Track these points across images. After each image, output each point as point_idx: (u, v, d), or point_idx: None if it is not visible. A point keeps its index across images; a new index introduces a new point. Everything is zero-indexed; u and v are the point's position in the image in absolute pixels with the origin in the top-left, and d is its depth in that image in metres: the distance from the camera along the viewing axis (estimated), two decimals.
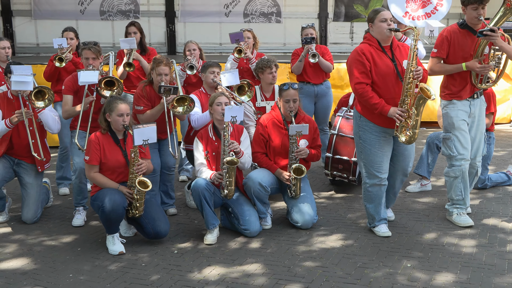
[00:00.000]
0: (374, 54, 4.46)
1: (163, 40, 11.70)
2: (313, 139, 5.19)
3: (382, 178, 4.64)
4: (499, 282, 3.84)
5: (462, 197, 4.93)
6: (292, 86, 5.08)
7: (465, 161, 4.86)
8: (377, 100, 4.40)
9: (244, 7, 11.83)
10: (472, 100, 4.86)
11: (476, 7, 4.62)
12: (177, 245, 4.65)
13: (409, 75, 4.33)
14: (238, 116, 4.72)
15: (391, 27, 4.44)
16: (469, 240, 4.61)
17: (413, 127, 4.37)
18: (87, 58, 5.15)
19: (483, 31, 4.51)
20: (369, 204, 4.74)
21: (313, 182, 6.31)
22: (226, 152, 4.69)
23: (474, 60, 4.70)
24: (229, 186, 4.70)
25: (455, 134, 4.83)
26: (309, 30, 6.69)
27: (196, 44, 6.49)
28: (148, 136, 4.49)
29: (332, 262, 4.25)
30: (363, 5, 12.16)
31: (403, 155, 4.70)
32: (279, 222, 5.15)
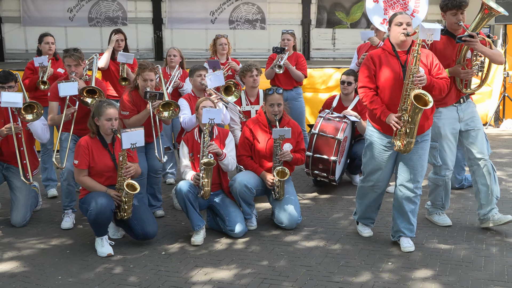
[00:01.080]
0: (383, 59, 4.35)
1: (151, 46, 11.79)
2: (297, 142, 5.32)
3: (376, 186, 4.59)
4: (477, 278, 3.97)
5: (442, 202, 5.04)
6: (277, 91, 5.20)
7: (449, 171, 4.88)
8: (377, 105, 4.32)
9: (229, 14, 11.97)
10: (459, 105, 4.81)
11: (455, 13, 4.61)
12: (164, 246, 4.73)
13: (408, 81, 4.15)
14: (216, 119, 4.80)
15: (405, 31, 4.25)
16: (447, 238, 4.75)
17: (407, 135, 4.21)
18: (69, 65, 5.23)
19: (462, 37, 4.51)
20: (359, 200, 4.79)
21: (297, 184, 6.44)
22: (205, 153, 4.79)
23: (457, 65, 4.69)
24: (206, 187, 4.78)
25: (441, 144, 4.81)
26: (286, 36, 6.92)
27: (178, 51, 6.67)
28: (136, 139, 4.58)
29: (316, 261, 4.36)
30: (345, 12, 12.39)
31: (403, 168, 4.46)
32: (264, 222, 5.26)
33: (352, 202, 5.85)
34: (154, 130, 5.16)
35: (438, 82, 4.27)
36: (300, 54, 7.22)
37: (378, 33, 6.75)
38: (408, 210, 4.48)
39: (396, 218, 4.55)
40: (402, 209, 4.49)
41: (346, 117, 6.04)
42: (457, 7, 4.59)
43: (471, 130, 4.83)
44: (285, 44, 6.89)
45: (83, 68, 5.35)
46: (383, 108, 4.30)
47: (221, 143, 5.07)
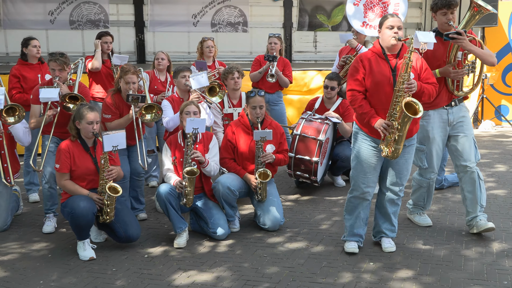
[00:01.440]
0: (372, 62, 4.26)
1: (133, 49, 11.74)
2: (279, 143, 5.35)
3: (365, 192, 4.42)
4: (456, 277, 4.03)
5: (424, 203, 5.08)
6: (259, 93, 5.23)
7: (433, 175, 4.90)
8: (366, 109, 4.23)
9: (211, 17, 11.98)
10: (450, 108, 4.74)
11: (445, 12, 4.56)
12: (147, 249, 4.72)
13: (399, 87, 4.07)
14: (199, 128, 4.80)
15: (396, 35, 4.17)
16: (427, 238, 4.81)
17: (395, 142, 4.15)
18: (54, 69, 5.20)
19: (449, 34, 4.44)
20: (348, 215, 4.57)
21: (280, 186, 6.46)
22: (188, 161, 4.81)
23: (448, 65, 4.61)
24: (189, 196, 4.79)
25: (428, 148, 4.79)
26: (273, 40, 6.96)
27: (167, 55, 6.69)
28: (118, 142, 4.56)
29: (298, 262, 4.38)
30: (326, 15, 12.49)
31: (389, 172, 4.44)
32: (247, 224, 5.28)
33: (334, 203, 5.90)
34: (136, 133, 5.16)
35: (427, 88, 4.23)
36: (287, 61, 7.29)
37: (358, 36, 6.82)
38: (391, 212, 4.53)
39: (378, 219, 4.60)
40: (385, 210, 4.53)
41: (328, 119, 6.09)
42: (446, 6, 4.54)
43: (459, 136, 4.75)
44: (272, 48, 6.93)
45: (67, 73, 5.32)
46: (372, 112, 4.22)
47: (205, 147, 5.08)
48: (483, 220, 4.75)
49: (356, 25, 6.85)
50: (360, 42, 6.75)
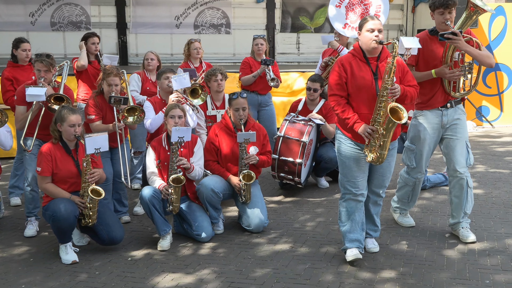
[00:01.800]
0: (354, 66, 4.16)
1: (115, 51, 11.69)
2: (263, 145, 5.36)
3: (358, 194, 4.31)
4: (439, 277, 4.07)
5: (408, 201, 5.05)
6: (241, 95, 5.23)
7: (421, 175, 4.86)
8: (349, 114, 4.13)
9: (194, 19, 11.98)
10: (445, 109, 4.64)
11: (442, 12, 4.45)
12: (130, 252, 4.70)
13: (383, 93, 4.00)
14: (185, 137, 4.79)
15: (377, 39, 4.09)
16: (410, 238, 4.84)
17: (380, 148, 4.07)
18: (39, 70, 5.15)
19: (444, 34, 4.35)
20: (343, 222, 4.40)
21: (264, 187, 6.48)
22: (174, 168, 4.79)
23: (444, 66, 4.52)
24: (175, 203, 4.80)
25: (418, 148, 4.73)
26: (259, 41, 6.97)
27: (156, 55, 6.68)
28: (100, 144, 4.53)
29: (282, 264, 4.39)
30: (308, 17, 12.57)
31: (374, 175, 4.40)
32: (231, 226, 5.28)
33: (318, 204, 5.92)
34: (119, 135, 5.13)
35: (409, 91, 4.17)
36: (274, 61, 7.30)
37: (341, 38, 6.87)
38: (374, 213, 4.55)
39: None
40: (368, 212, 4.52)
41: (311, 120, 6.11)
42: (444, 6, 4.43)
43: (451, 139, 4.67)
44: (259, 49, 6.94)
45: (52, 75, 5.27)
46: (356, 117, 4.12)
47: (190, 151, 5.07)
48: (466, 230, 4.73)
49: (338, 27, 6.90)
50: (342, 44, 6.79)
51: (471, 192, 4.73)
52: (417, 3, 12.88)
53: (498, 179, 6.76)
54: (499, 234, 4.87)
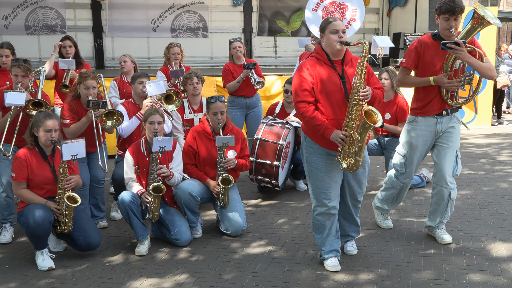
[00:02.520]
0: (320, 70, 4.00)
1: (91, 54, 11.60)
2: (241, 149, 5.36)
3: (330, 207, 4.18)
4: (416, 278, 4.10)
5: (391, 202, 5.00)
6: (219, 99, 5.22)
7: (409, 180, 4.81)
8: (320, 121, 3.94)
9: (171, 22, 11.95)
10: (440, 117, 4.51)
11: (447, 18, 4.28)
12: (108, 258, 4.65)
13: (354, 96, 3.86)
14: (166, 147, 4.78)
15: (342, 40, 3.95)
16: (388, 240, 4.88)
17: (355, 154, 3.92)
18: (16, 75, 5.08)
19: (446, 43, 4.21)
20: (317, 235, 4.33)
21: (242, 190, 6.47)
22: (154, 176, 4.77)
23: (443, 74, 4.38)
24: (155, 212, 4.78)
25: (410, 154, 4.65)
26: (237, 43, 6.98)
27: (130, 57, 6.63)
28: (77, 151, 4.48)
29: (261, 267, 4.39)
30: (285, 20, 12.64)
31: (351, 183, 4.29)
32: (209, 230, 5.27)
33: (296, 207, 5.94)
34: (97, 140, 5.08)
35: (377, 93, 4.09)
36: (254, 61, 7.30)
37: (317, 41, 6.90)
38: (355, 215, 4.49)
39: (343, 224, 4.49)
40: (351, 216, 4.47)
41: (288, 123, 6.14)
42: (450, 12, 4.24)
43: (442, 147, 4.57)
44: (237, 52, 6.94)
45: (29, 80, 5.20)
46: (326, 124, 3.94)
47: (169, 156, 5.04)
48: (442, 231, 4.77)
49: (314, 30, 6.95)
50: None
51: (452, 204, 4.67)
52: (393, 7, 13.03)
53: (473, 180, 6.86)
54: (474, 235, 4.94)
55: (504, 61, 12.32)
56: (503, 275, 4.09)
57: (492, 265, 4.26)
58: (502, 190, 6.37)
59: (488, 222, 5.26)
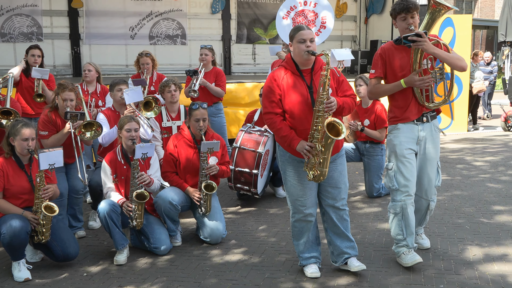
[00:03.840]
0: (288, 80, 3.98)
1: (68, 62, 11.50)
2: (222, 155, 5.35)
3: (307, 214, 4.16)
4: (395, 282, 4.13)
5: (404, 236, 4.36)
6: (202, 106, 5.21)
7: (406, 196, 4.30)
8: (286, 132, 3.95)
9: (149, 30, 11.91)
10: (421, 124, 4.31)
11: (404, 17, 4.15)
12: (86, 267, 4.60)
13: (318, 107, 3.82)
14: (148, 153, 4.77)
15: (309, 49, 3.90)
16: (367, 246, 4.91)
17: (320, 165, 3.87)
18: None
19: (408, 36, 4.06)
20: (297, 241, 4.30)
21: (221, 198, 6.45)
22: (135, 184, 4.74)
23: (412, 74, 4.18)
24: (138, 219, 4.76)
25: (397, 165, 4.31)
26: (204, 51, 7.02)
27: (94, 66, 6.57)
28: (55, 160, 4.43)
29: (241, 274, 4.38)
30: (263, 28, 12.70)
31: (327, 189, 4.19)
32: (189, 238, 5.24)
33: (276, 214, 5.95)
34: (76, 151, 5.04)
35: (346, 102, 4.01)
36: (219, 70, 7.31)
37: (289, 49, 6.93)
38: (344, 229, 4.27)
39: (335, 240, 4.30)
40: (338, 229, 4.26)
41: (267, 131, 6.15)
42: (405, 10, 4.14)
43: (423, 160, 4.38)
44: (202, 59, 6.94)
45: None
46: (292, 135, 3.95)
47: (146, 163, 5.03)
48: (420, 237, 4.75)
49: (285, 38, 7.00)
50: None
51: (430, 213, 4.62)
52: (370, 15, 13.18)
53: (450, 185, 6.95)
54: (452, 239, 5.00)
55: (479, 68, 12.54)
56: (480, 278, 4.14)
57: (469, 269, 4.31)
58: (478, 195, 6.46)
59: (465, 227, 5.33)
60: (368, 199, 6.36)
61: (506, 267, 4.33)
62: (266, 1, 12.70)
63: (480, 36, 32.82)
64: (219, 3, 12.33)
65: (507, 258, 4.51)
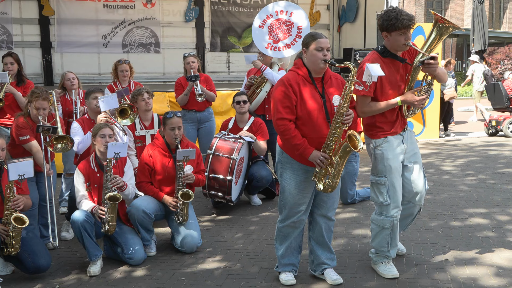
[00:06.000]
0: (302, 86, 3.90)
1: (39, 71, 11.34)
2: (197, 164, 5.33)
3: (297, 221, 4.14)
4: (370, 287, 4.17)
5: (388, 249, 4.37)
6: (176, 114, 5.19)
7: (397, 212, 4.27)
8: (300, 140, 3.86)
9: (122, 38, 11.83)
10: (404, 133, 4.30)
11: (403, 32, 4.01)
12: (58, 279, 4.52)
13: (338, 119, 3.79)
14: (121, 153, 4.71)
15: (326, 59, 3.86)
16: (342, 252, 4.93)
17: (333, 177, 3.86)
18: None
19: (424, 60, 3.98)
20: (279, 245, 4.28)
21: (196, 206, 6.44)
22: (108, 187, 4.69)
23: (409, 92, 4.12)
24: (111, 222, 4.68)
25: (390, 180, 4.19)
26: (190, 59, 6.99)
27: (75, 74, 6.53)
28: (24, 170, 4.35)
29: (217, 283, 4.36)
30: (237, 36, 12.73)
31: (323, 198, 4.17)
32: (163, 248, 5.20)
33: (251, 222, 5.94)
34: (44, 160, 4.98)
35: (355, 115, 4.02)
36: (207, 75, 7.34)
37: (264, 58, 6.95)
38: (328, 239, 4.29)
39: (317, 250, 4.30)
40: (323, 239, 4.26)
41: (241, 138, 6.16)
42: (406, 27, 3.99)
43: (411, 165, 4.34)
44: (191, 67, 6.93)
45: None
46: (306, 144, 3.87)
47: (120, 170, 4.97)
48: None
49: (261, 47, 7.03)
50: (265, 64, 6.87)
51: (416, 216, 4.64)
52: (342, 23, 13.30)
53: None
54: (425, 244, 5.06)
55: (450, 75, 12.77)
56: (453, 282, 4.20)
57: (442, 273, 4.37)
58: (450, 200, 6.56)
59: (437, 232, 5.40)
60: (342, 206, 6.40)
61: (477, 270, 4.40)
62: (240, 10, 12.74)
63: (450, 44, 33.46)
64: (192, 11, 12.32)
65: (478, 261, 4.58)
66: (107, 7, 11.68)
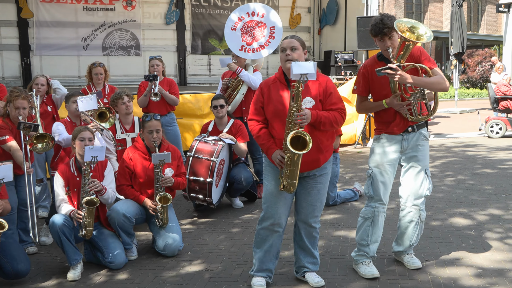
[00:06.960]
0: (272, 89, 4.00)
1: (18, 74, 11.23)
2: (177, 166, 5.32)
3: (275, 223, 4.12)
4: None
5: (367, 243, 4.43)
6: (155, 117, 5.18)
7: (380, 204, 4.38)
8: (264, 140, 4.00)
9: (102, 41, 11.78)
10: (406, 134, 4.31)
11: (380, 39, 4.13)
12: (38, 284, 4.47)
13: (289, 119, 3.79)
14: (99, 156, 4.66)
15: (288, 58, 3.91)
16: (323, 254, 4.93)
17: (287, 177, 3.88)
18: None
19: (381, 70, 4.01)
20: (257, 249, 4.26)
21: (178, 209, 6.41)
22: (86, 191, 4.65)
23: (393, 96, 4.18)
24: (88, 227, 4.63)
25: (375, 173, 4.36)
26: (154, 62, 7.02)
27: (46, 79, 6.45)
28: (3, 174, 4.28)
29: (199, 286, 4.34)
30: (217, 39, 12.74)
31: (302, 207, 4.19)
32: (145, 251, 5.17)
33: (233, 224, 5.94)
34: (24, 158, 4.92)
35: (327, 116, 3.92)
36: (171, 79, 7.34)
37: (238, 60, 6.98)
38: (310, 245, 4.28)
39: (299, 253, 4.34)
40: (304, 244, 4.28)
41: (222, 140, 6.15)
42: (380, 34, 4.10)
43: (409, 168, 4.39)
44: (155, 70, 6.93)
45: None
46: (269, 144, 3.98)
47: (100, 174, 4.93)
48: (410, 256, 4.60)
49: (235, 49, 7.05)
50: (240, 66, 6.90)
51: (422, 226, 4.55)
52: (323, 26, 13.39)
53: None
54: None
55: None
56: (433, 282, 4.24)
57: (422, 274, 4.40)
58: (430, 200, 6.60)
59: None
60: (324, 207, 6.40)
61: (457, 270, 4.44)
62: (220, 12, 12.75)
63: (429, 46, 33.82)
64: (173, 14, 12.30)
65: (458, 262, 4.63)
66: (86, 9, 11.62)
